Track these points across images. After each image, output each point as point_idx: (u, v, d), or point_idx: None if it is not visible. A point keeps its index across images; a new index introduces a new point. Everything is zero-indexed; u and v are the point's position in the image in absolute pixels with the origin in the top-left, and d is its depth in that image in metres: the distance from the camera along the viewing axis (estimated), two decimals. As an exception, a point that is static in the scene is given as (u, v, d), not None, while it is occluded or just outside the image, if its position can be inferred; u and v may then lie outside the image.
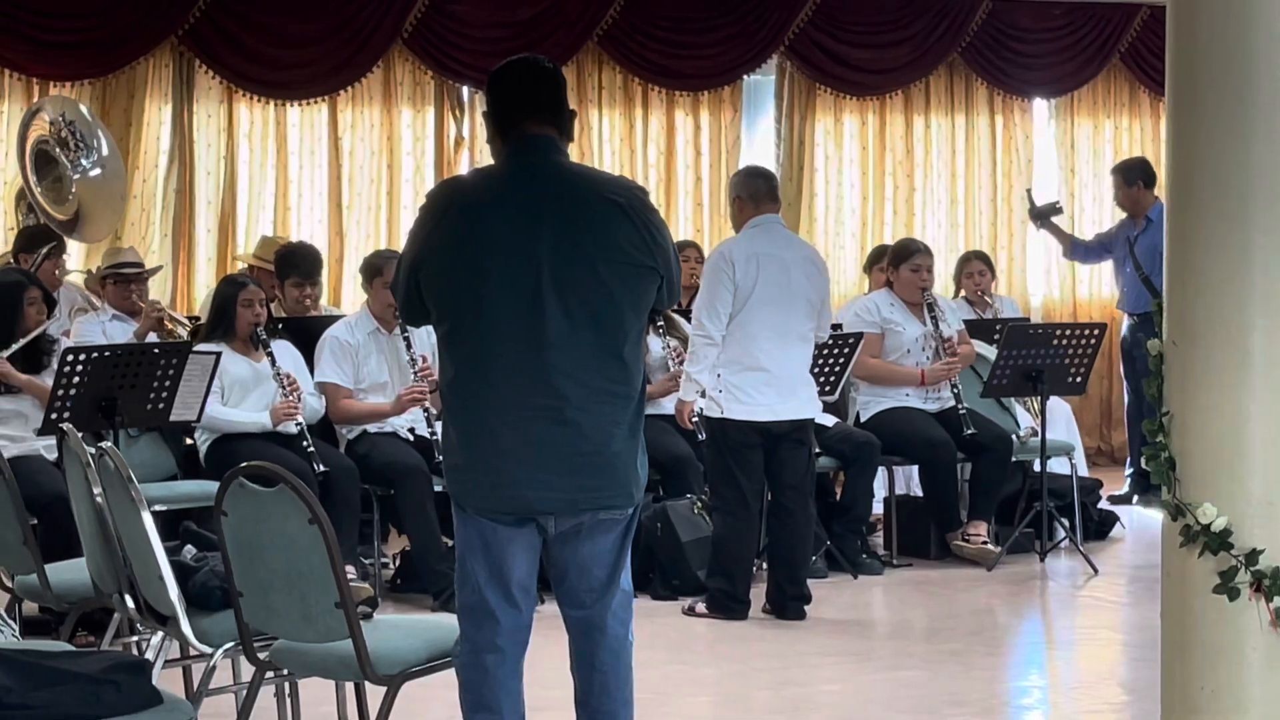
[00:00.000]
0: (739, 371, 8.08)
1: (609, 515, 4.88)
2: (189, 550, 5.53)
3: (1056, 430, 10.19)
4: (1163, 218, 12.05)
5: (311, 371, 8.83)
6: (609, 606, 4.96)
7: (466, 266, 4.77)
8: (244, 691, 5.45)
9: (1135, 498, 11.22)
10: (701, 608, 8.29)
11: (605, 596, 4.95)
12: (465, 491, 4.85)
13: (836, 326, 9.46)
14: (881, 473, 9.67)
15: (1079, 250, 11.94)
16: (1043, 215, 11.51)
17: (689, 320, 9.27)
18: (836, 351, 9.22)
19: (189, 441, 8.84)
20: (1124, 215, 11.66)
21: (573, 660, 5.02)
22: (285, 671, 5.27)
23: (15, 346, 8.07)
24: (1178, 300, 4.89)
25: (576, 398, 4.76)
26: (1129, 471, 11.46)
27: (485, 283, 4.75)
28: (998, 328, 10.18)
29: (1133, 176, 11.57)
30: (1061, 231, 12.00)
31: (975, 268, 11.06)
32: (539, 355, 4.75)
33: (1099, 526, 10.33)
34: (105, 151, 10.38)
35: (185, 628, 5.26)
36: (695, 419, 8.49)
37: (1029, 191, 12.20)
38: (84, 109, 10.55)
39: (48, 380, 8.08)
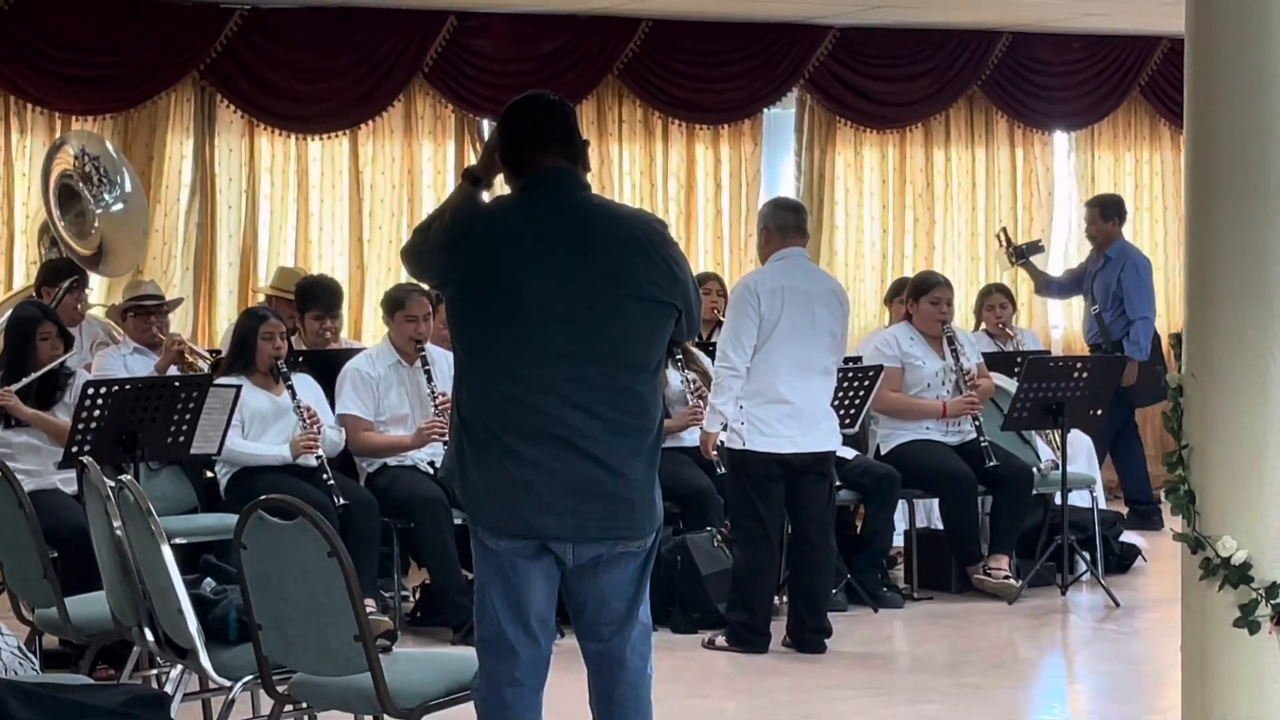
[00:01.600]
0: (761, 404, 8.08)
1: (626, 548, 4.88)
2: (208, 583, 5.54)
3: (1078, 463, 10.16)
4: (1122, 256, 12.22)
5: (332, 404, 8.84)
6: (628, 639, 4.95)
7: (485, 294, 4.78)
8: (263, 725, 5.45)
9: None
10: (722, 641, 8.27)
11: (624, 629, 4.94)
12: (481, 514, 4.84)
13: (856, 359, 9.45)
14: (902, 506, 9.64)
15: (1051, 286, 12.00)
16: (1022, 254, 11.52)
17: (709, 353, 9.29)
18: (857, 384, 9.20)
19: (209, 475, 8.84)
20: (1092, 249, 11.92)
21: (592, 694, 5.01)
22: (304, 705, 5.27)
23: (24, 381, 8.08)
24: (1197, 332, 4.88)
25: (587, 429, 4.76)
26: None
27: (503, 312, 4.76)
28: (1018, 360, 10.17)
29: (1109, 212, 11.82)
30: (1038, 270, 12.11)
31: (996, 300, 11.04)
32: (551, 387, 4.75)
33: (1120, 560, 10.28)
34: (128, 188, 10.43)
35: (204, 661, 5.26)
36: (716, 451, 8.48)
37: (1004, 230, 12.18)
38: (109, 144, 10.59)
39: (60, 415, 8.10)
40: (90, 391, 7.88)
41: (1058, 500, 9.63)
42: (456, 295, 4.85)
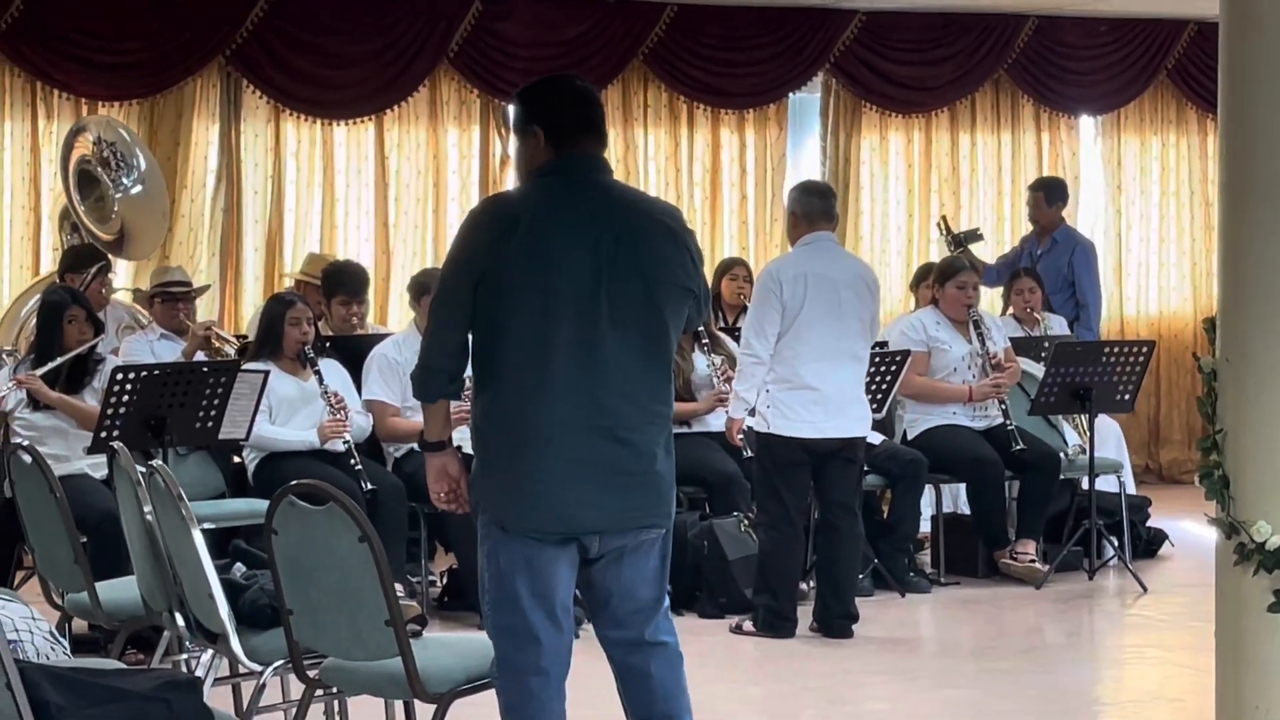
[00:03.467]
0: (787, 390, 8.06)
1: (649, 535, 4.89)
2: (239, 568, 5.54)
3: (1106, 448, 10.13)
4: (1069, 240, 12.24)
5: (359, 389, 8.84)
6: (658, 625, 4.97)
7: (535, 285, 4.75)
8: (294, 709, 5.45)
9: None
10: (749, 626, 8.26)
11: (654, 616, 4.96)
12: (506, 511, 4.83)
13: (882, 344, 9.44)
14: (929, 490, 9.63)
15: (989, 274, 11.91)
16: (960, 243, 11.48)
17: (735, 338, 9.28)
18: (884, 369, 9.19)
19: (237, 460, 8.86)
20: (1029, 232, 12.11)
21: (625, 681, 4.99)
22: (335, 689, 5.27)
23: (51, 365, 8.10)
24: (1231, 318, 4.86)
25: (629, 417, 4.78)
26: None
27: (551, 302, 4.75)
28: (1045, 345, 10.15)
29: (1054, 195, 11.96)
30: (977, 260, 12.00)
31: (1024, 285, 10.99)
32: (597, 375, 4.75)
33: (1147, 545, 10.27)
34: (144, 167, 10.44)
35: (235, 645, 5.27)
36: (742, 435, 8.47)
37: (944, 219, 12.11)
38: (122, 130, 10.61)
39: (87, 399, 8.12)
40: (119, 377, 7.91)
41: (1085, 485, 9.61)
42: (496, 286, 4.78)
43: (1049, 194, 11.97)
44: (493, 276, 4.77)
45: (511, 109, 5.09)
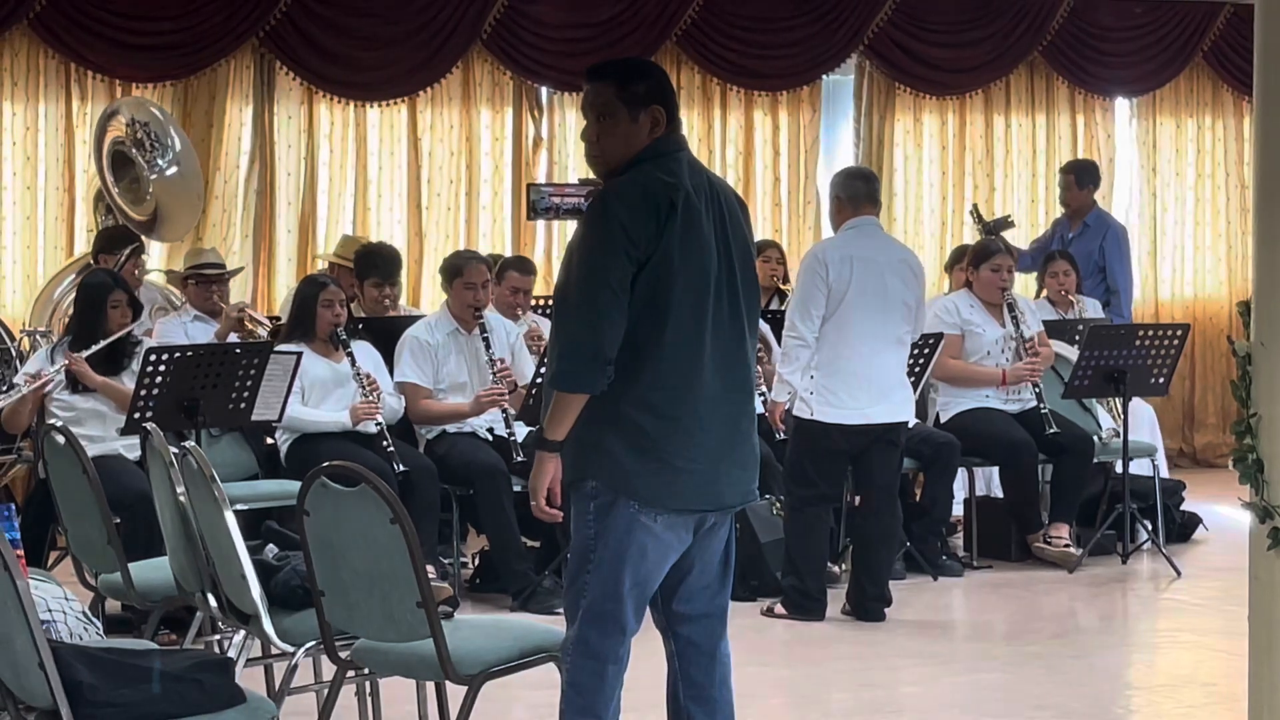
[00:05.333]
0: (831, 374, 8.04)
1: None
2: (271, 549, 5.55)
3: (1140, 432, 10.10)
4: (1101, 224, 12.20)
5: (391, 371, 8.86)
6: (726, 598, 5.06)
7: (694, 268, 4.77)
8: (325, 690, 5.47)
9: None
10: (779, 608, 8.26)
11: (724, 589, 5.05)
12: (655, 491, 4.79)
13: (915, 327, 9.40)
14: (961, 474, 9.61)
15: (1023, 261, 11.84)
16: (993, 230, 11.42)
17: (769, 321, 9.26)
18: (916, 352, 9.16)
19: (270, 441, 8.88)
20: (1061, 215, 12.10)
21: (686, 658, 5.01)
22: (366, 671, 5.28)
23: (96, 347, 8.14)
24: (1266, 301, 4.82)
25: (749, 395, 4.96)
26: None
27: (705, 283, 4.79)
28: (1079, 328, 10.11)
29: (1085, 178, 11.90)
30: (1009, 245, 11.92)
31: (1060, 267, 10.93)
32: (737, 354, 4.88)
33: (1181, 529, 10.24)
34: (179, 148, 10.46)
35: (267, 626, 5.28)
36: (783, 420, 8.45)
37: (976, 207, 12.04)
38: (156, 110, 10.62)
39: (126, 382, 8.15)
40: (152, 359, 7.93)
41: (1118, 468, 9.58)
42: (660, 271, 4.72)
43: (1080, 176, 11.94)
44: (657, 262, 4.72)
45: (598, 89, 4.93)
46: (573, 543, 4.91)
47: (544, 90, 12.16)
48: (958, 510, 9.80)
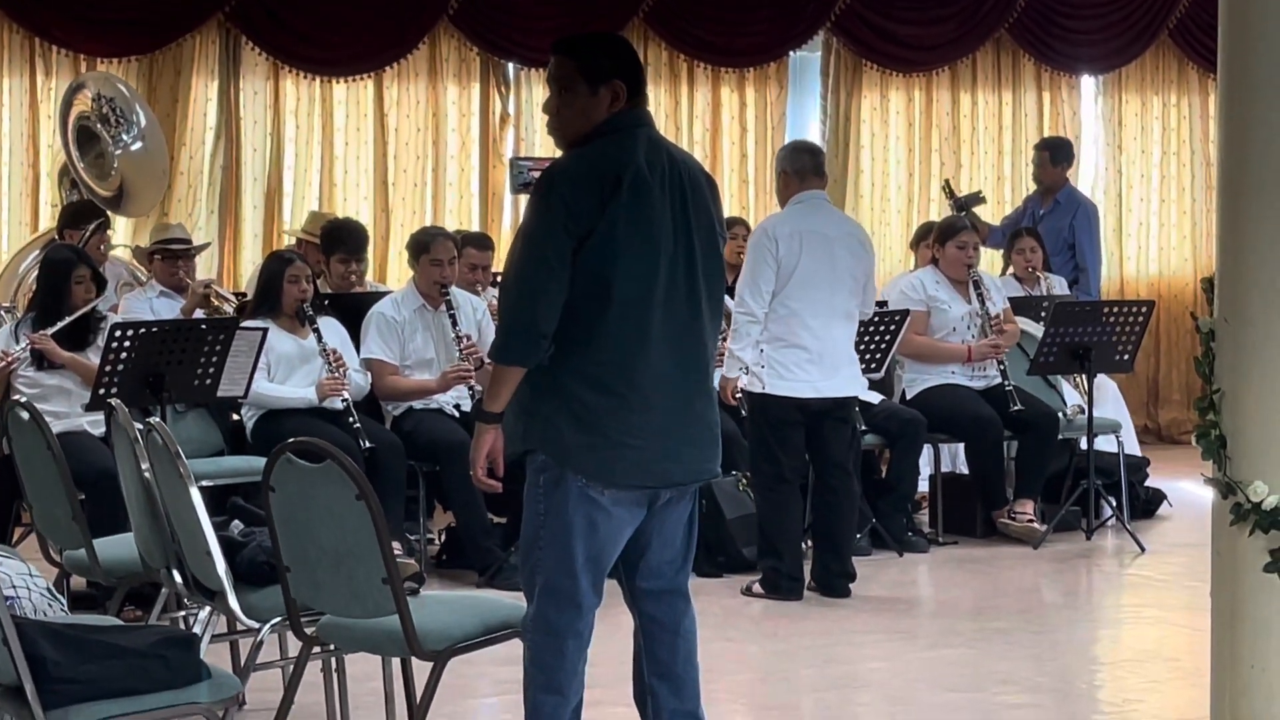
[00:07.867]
0: (782, 348, 8.06)
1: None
2: (236, 525, 5.55)
3: (1105, 408, 10.14)
4: (1072, 202, 12.24)
5: (357, 348, 8.84)
6: (688, 574, 5.05)
7: (641, 245, 4.74)
8: (291, 666, 5.47)
9: None
10: (758, 588, 8.26)
11: (686, 565, 5.04)
12: (599, 467, 4.78)
13: (882, 304, 9.42)
14: (927, 450, 9.64)
15: (995, 236, 11.86)
16: (964, 206, 11.43)
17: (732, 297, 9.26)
18: (882, 329, 9.19)
19: (235, 417, 8.86)
20: (1033, 192, 12.11)
21: (650, 634, 5.00)
22: (332, 647, 5.28)
23: (60, 324, 8.10)
24: (1230, 277, 4.85)
25: (708, 371, 4.94)
26: None
27: (654, 260, 4.76)
28: (1045, 305, 10.14)
29: (1059, 156, 11.93)
30: (981, 221, 11.94)
31: (1026, 244, 10.93)
32: (691, 331, 4.84)
33: (1146, 505, 10.28)
34: (144, 124, 10.41)
35: (233, 603, 5.28)
36: (738, 396, 8.47)
37: (948, 182, 12.06)
38: (121, 85, 10.57)
39: (92, 358, 8.11)
40: (117, 334, 7.90)
41: (1083, 445, 9.62)
42: (602, 247, 4.71)
43: (1054, 154, 11.95)
44: (600, 237, 4.71)
45: (561, 61, 4.91)
46: (524, 517, 4.90)
47: (511, 66, 12.13)
48: (923, 486, 9.82)
